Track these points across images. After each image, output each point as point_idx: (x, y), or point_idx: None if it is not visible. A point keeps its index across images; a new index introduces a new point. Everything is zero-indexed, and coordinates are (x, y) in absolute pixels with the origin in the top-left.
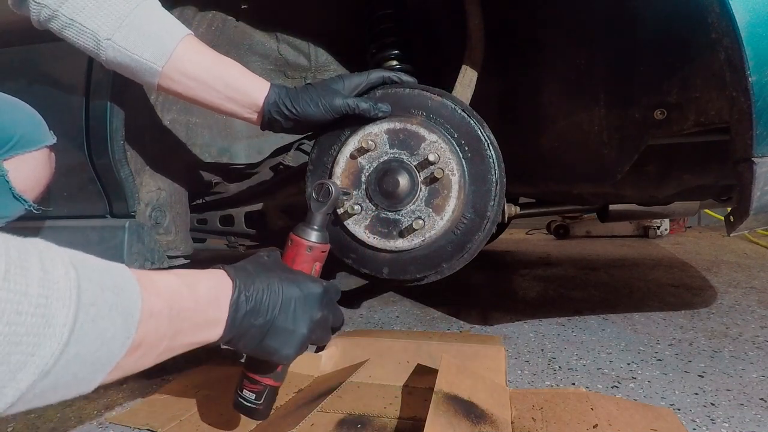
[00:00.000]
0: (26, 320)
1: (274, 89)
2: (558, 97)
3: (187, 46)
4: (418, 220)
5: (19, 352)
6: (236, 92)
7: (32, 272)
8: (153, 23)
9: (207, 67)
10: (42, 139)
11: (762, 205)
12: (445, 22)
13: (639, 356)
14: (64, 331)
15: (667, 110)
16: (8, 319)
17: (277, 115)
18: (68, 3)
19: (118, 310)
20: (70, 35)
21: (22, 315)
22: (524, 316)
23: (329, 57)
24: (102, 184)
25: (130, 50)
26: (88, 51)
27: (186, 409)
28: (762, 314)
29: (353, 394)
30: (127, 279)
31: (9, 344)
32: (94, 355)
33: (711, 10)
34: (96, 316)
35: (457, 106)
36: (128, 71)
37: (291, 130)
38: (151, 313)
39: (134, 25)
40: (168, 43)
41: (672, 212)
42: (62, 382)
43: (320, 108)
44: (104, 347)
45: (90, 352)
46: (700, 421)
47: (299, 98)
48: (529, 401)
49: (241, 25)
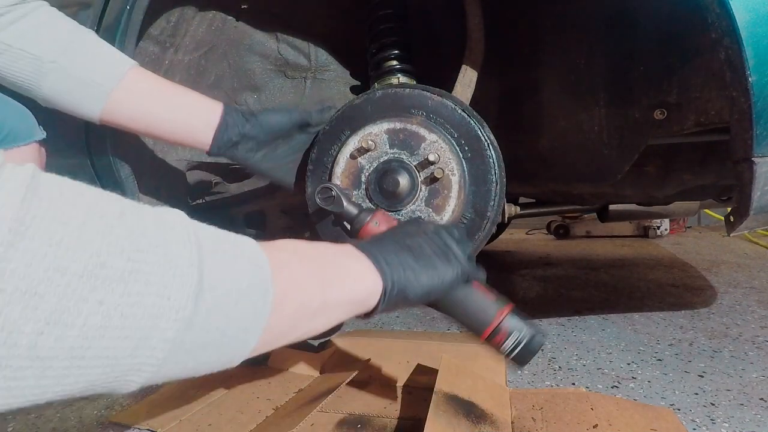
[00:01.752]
0: (149, 258)
1: (229, 107)
2: (558, 97)
3: (136, 71)
4: None
5: (151, 293)
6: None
7: (147, 216)
8: (102, 47)
9: (160, 87)
10: (31, 134)
11: (762, 205)
12: (445, 22)
13: (639, 356)
14: (193, 272)
15: (667, 110)
16: (129, 255)
17: (233, 123)
18: (5, 31)
19: (244, 258)
20: (5, 61)
21: (143, 252)
22: (524, 316)
23: (329, 57)
24: (102, 184)
25: (78, 72)
26: (21, 80)
27: (186, 409)
28: (762, 314)
29: (353, 394)
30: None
31: (137, 283)
32: (236, 307)
33: (711, 10)
34: (222, 262)
35: (457, 106)
36: (71, 98)
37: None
38: (280, 263)
39: (81, 50)
40: (119, 65)
41: (672, 212)
42: (211, 338)
43: (278, 112)
44: (244, 299)
45: (229, 303)
46: (700, 421)
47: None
48: (529, 401)
49: (241, 25)
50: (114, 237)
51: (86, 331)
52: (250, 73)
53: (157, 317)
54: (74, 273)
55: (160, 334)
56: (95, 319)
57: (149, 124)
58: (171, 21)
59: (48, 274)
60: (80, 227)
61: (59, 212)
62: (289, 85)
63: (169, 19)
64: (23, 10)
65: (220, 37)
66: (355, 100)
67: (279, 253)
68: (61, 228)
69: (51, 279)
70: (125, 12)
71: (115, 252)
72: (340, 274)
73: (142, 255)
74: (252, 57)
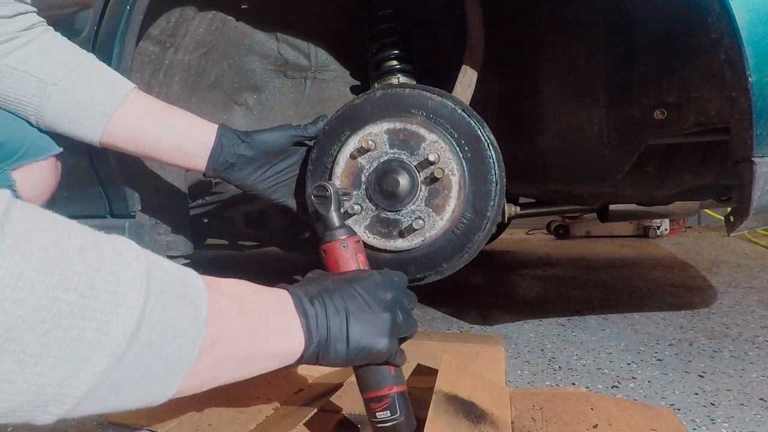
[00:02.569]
0: (99, 295)
1: (225, 127)
2: (558, 97)
3: (136, 93)
4: (418, 220)
5: (92, 329)
6: (187, 130)
7: (105, 253)
8: (103, 70)
9: (158, 109)
10: (49, 149)
11: (762, 205)
12: (445, 22)
13: (639, 356)
14: (135, 312)
15: (667, 110)
16: (82, 291)
17: (228, 144)
18: (12, 55)
19: (186, 301)
20: (8, 85)
21: (95, 290)
22: (524, 316)
23: (329, 57)
24: (103, 185)
25: (80, 94)
26: (24, 102)
27: (186, 409)
28: (762, 314)
29: (353, 394)
30: (192, 274)
31: (83, 319)
32: (167, 349)
33: (711, 10)
34: (166, 304)
35: (457, 106)
36: (72, 121)
37: (241, 168)
38: (219, 310)
39: (84, 73)
40: (121, 88)
41: (672, 212)
42: (136, 375)
43: (274, 131)
44: (176, 342)
45: (162, 343)
46: (700, 421)
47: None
48: (529, 401)
49: (241, 25)
50: (71, 273)
51: (23, 357)
52: (250, 73)
53: (92, 351)
54: (29, 304)
55: (90, 367)
56: (35, 348)
57: (147, 146)
58: (171, 21)
59: (5, 305)
60: (41, 262)
61: (23, 246)
62: (289, 85)
63: (169, 19)
64: (29, 36)
65: (220, 37)
66: (355, 100)
67: (221, 298)
68: (23, 262)
69: (6, 309)
70: (125, 12)
71: (70, 287)
72: (270, 330)
73: (94, 292)
74: (252, 57)
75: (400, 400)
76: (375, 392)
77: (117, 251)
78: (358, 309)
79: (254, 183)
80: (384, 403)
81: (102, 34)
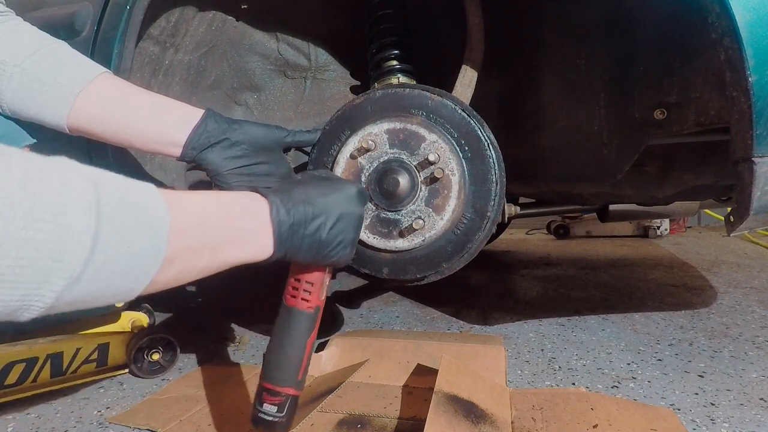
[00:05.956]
0: (43, 227)
1: (214, 111)
2: (558, 97)
3: (107, 76)
4: (418, 220)
5: (43, 257)
6: (167, 107)
7: (51, 183)
8: (73, 55)
9: (132, 91)
10: (20, 139)
11: (762, 205)
12: (445, 22)
13: (639, 356)
14: (86, 239)
15: (667, 110)
16: (24, 223)
17: (215, 124)
18: None
19: (144, 224)
20: None
21: (38, 221)
22: (524, 316)
23: (329, 57)
24: None
25: (42, 75)
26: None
27: (186, 409)
28: (762, 314)
29: (353, 394)
30: (153, 196)
31: (29, 249)
32: (126, 267)
33: (711, 10)
34: (121, 229)
35: (457, 106)
36: (34, 103)
37: (223, 151)
38: (180, 228)
39: (48, 56)
40: (89, 70)
41: (672, 212)
42: (97, 288)
43: (265, 126)
44: (136, 260)
45: (121, 263)
46: (700, 421)
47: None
48: (529, 401)
49: (241, 25)
50: (11, 205)
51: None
52: (250, 73)
53: (47, 274)
54: None
55: (49, 286)
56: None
57: (119, 126)
58: (171, 21)
59: None
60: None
61: None
62: (289, 85)
63: (169, 19)
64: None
65: (220, 37)
66: (355, 100)
67: (182, 218)
68: None
69: None
70: (125, 12)
71: (9, 218)
72: (234, 236)
73: (37, 224)
74: (252, 57)
75: (291, 404)
76: (276, 386)
77: (63, 180)
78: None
79: (229, 173)
80: (277, 399)
81: (102, 34)
